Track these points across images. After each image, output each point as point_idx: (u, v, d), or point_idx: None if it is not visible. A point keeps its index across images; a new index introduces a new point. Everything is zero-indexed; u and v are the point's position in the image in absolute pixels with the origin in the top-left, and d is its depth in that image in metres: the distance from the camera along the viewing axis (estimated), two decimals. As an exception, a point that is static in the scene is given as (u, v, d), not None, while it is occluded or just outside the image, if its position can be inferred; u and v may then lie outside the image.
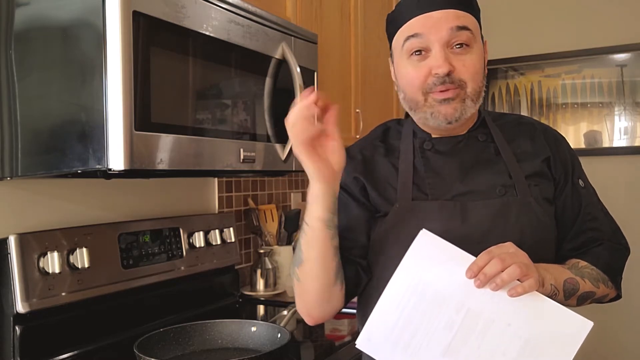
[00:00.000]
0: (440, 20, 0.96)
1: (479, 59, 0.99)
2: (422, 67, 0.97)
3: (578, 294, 0.98)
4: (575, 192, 1.06)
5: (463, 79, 0.97)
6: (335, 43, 2.00)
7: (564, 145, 1.08)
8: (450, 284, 0.87)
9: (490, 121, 1.08)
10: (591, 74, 3.23)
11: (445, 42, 0.96)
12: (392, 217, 1.02)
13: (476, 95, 0.99)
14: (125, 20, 1.02)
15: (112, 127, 1.02)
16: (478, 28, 1.00)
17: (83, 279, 1.32)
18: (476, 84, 0.99)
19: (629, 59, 3.14)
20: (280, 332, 1.30)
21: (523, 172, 1.02)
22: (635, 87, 3.14)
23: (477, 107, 1.01)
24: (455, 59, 0.96)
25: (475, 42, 0.98)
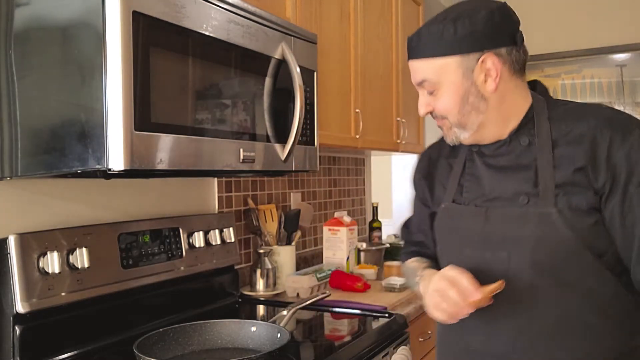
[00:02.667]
0: (413, 72, 1.09)
1: (446, 98, 1.05)
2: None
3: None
4: (627, 201, 0.96)
5: (442, 114, 1.08)
6: (335, 43, 2.00)
7: (621, 147, 0.97)
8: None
9: (544, 121, 1.06)
10: (591, 74, 3.23)
11: (422, 91, 1.09)
12: (438, 216, 1.18)
13: (460, 124, 1.07)
14: (125, 20, 1.02)
15: (111, 127, 1.02)
16: (446, 67, 1.03)
17: (83, 279, 1.32)
18: (454, 116, 1.06)
19: (628, 59, 3.14)
20: (280, 332, 1.30)
21: (554, 180, 1.00)
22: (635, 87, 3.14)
23: (471, 129, 1.07)
24: (433, 100, 1.08)
25: (440, 85, 1.05)
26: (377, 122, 2.31)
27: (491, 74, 1.03)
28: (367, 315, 1.72)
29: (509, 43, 1.03)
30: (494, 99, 1.04)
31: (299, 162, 1.54)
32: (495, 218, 1.05)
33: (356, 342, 1.46)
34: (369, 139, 2.24)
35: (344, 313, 1.76)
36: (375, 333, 1.56)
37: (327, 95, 1.93)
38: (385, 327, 1.61)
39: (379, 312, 1.73)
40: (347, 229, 2.23)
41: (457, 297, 0.97)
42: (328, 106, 1.94)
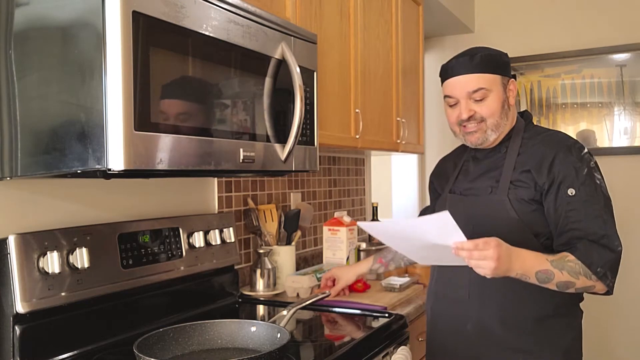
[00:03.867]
0: (462, 83, 1.45)
1: (495, 102, 1.45)
2: (455, 111, 1.49)
3: (555, 282, 1.31)
4: (559, 198, 1.37)
5: (483, 116, 1.45)
6: (335, 43, 2.00)
7: (561, 162, 1.39)
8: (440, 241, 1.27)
9: (518, 137, 1.49)
10: (591, 74, 3.23)
11: (466, 98, 1.45)
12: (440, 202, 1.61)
13: (495, 126, 1.46)
14: (125, 20, 1.02)
15: (111, 127, 1.02)
16: (495, 80, 1.45)
17: (83, 279, 1.32)
18: (494, 118, 1.46)
19: (628, 59, 3.14)
20: (279, 332, 1.30)
21: (509, 179, 1.43)
22: (634, 87, 3.14)
23: (498, 133, 1.47)
24: (476, 105, 1.45)
25: (490, 93, 1.45)
26: (377, 122, 2.31)
27: (512, 93, 1.49)
28: (367, 315, 1.72)
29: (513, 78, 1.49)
30: (510, 114, 1.49)
31: (299, 162, 1.55)
32: (469, 203, 1.49)
33: (356, 342, 1.46)
34: (369, 139, 2.24)
35: (344, 313, 1.76)
36: (375, 333, 1.56)
37: (327, 95, 1.93)
38: (385, 327, 1.61)
39: (379, 312, 1.73)
40: (347, 229, 2.23)
41: None
42: (328, 106, 1.94)
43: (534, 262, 1.30)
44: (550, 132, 1.50)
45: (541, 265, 1.30)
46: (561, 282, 1.30)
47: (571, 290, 1.33)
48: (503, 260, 1.25)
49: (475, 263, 1.25)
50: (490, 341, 1.44)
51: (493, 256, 1.23)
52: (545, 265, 1.30)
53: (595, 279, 1.30)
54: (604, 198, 1.37)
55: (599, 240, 1.32)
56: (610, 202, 1.38)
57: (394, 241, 1.40)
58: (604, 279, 1.31)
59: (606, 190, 1.39)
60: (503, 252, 1.25)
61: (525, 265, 1.29)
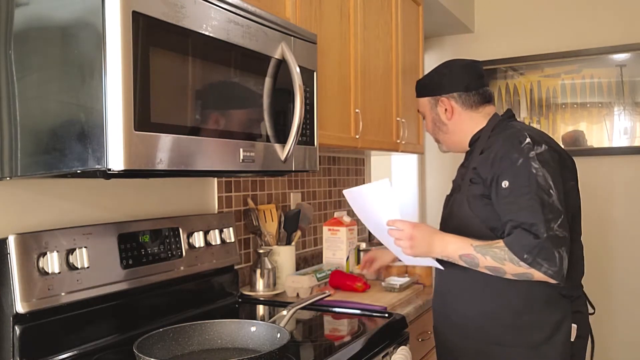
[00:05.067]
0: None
1: (429, 122, 1.71)
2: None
3: (482, 266, 1.41)
4: (497, 192, 1.44)
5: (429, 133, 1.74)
6: (335, 43, 2.00)
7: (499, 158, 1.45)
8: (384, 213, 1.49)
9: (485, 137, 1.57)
10: (591, 74, 3.23)
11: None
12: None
13: (436, 139, 1.73)
14: (125, 20, 1.02)
15: (111, 127, 1.02)
16: (427, 103, 1.68)
17: (82, 279, 1.32)
18: (433, 135, 1.72)
19: (628, 59, 3.14)
20: (279, 332, 1.30)
21: (467, 177, 1.53)
22: (634, 87, 3.14)
23: (446, 145, 1.71)
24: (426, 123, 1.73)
25: (425, 114, 1.71)
26: (377, 122, 2.31)
27: (442, 109, 1.65)
28: (367, 315, 1.72)
29: (462, 90, 1.62)
30: (452, 124, 1.65)
31: (299, 162, 1.55)
32: (446, 202, 1.65)
33: (356, 342, 1.46)
34: (369, 139, 2.24)
35: (344, 313, 1.76)
36: (375, 333, 1.56)
37: (327, 95, 1.93)
38: (385, 327, 1.61)
39: (379, 312, 1.73)
40: (346, 229, 2.23)
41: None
42: (328, 106, 1.94)
43: (457, 246, 1.43)
44: (511, 126, 1.54)
45: (464, 249, 1.42)
46: (488, 266, 1.40)
47: (508, 276, 1.40)
48: (418, 240, 1.43)
49: (397, 242, 1.45)
50: (474, 335, 1.53)
51: (407, 235, 1.44)
52: (468, 250, 1.41)
53: (527, 266, 1.35)
54: (537, 186, 1.38)
55: (529, 228, 1.36)
56: (542, 190, 1.38)
57: (360, 213, 1.59)
58: (535, 265, 1.34)
59: (543, 179, 1.39)
60: (419, 233, 1.44)
61: (447, 248, 1.44)
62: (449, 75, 1.63)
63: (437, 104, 1.64)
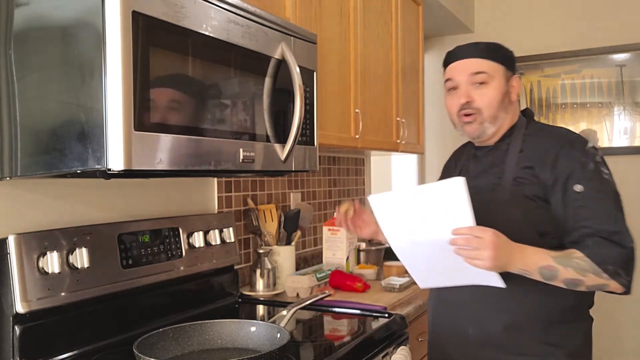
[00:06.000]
0: (464, 66, 1.42)
1: (494, 92, 1.40)
2: (454, 99, 1.44)
3: (561, 279, 1.25)
4: (566, 195, 1.31)
5: (479, 107, 1.40)
6: (334, 43, 2.00)
7: (564, 160, 1.33)
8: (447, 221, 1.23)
9: (520, 133, 1.43)
10: (590, 74, 3.23)
11: (466, 81, 1.41)
12: None
13: (492, 119, 1.41)
14: (125, 20, 1.02)
15: (111, 127, 1.02)
16: (498, 69, 1.41)
17: (82, 279, 1.32)
18: (491, 110, 1.40)
19: (628, 59, 3.14)
20: (279, 332, 1.30)
21: (512, 175, 1.37)
22: (634, 87, 3.14)
23: (496, 126, 1.42)
24: (475, 93, 1.40)
25: (492, 80, 1.40)
26: (377, 122, 2.31)
27: (515, 89, 1.45)
28: (367, 315, 1.72)
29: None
30: (510, 109, 1.44)
31: (299, 162, 1.54)
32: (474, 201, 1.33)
33: (356, 342, 1.46)
34: (369, 139, 2.24)
35: (344, 313, 1.76)
36: (375, 333, 1.56)
37: (327, 95, 1.93)
38: (384, 327, 1.61)
39: (379, 312, 1.73)
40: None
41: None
42: (328, 106, 1.94)
43: (536, 257, 1.25)
44: (552, 127, 1.47)
45: (544, 260, 1.24)
46: (568, 279, 1.25)
47: (582, 288, 1.27)
48: (501, 250, 1.20)
49: (471, 253, 1.20)
50: (493, 346, 1.38)
51: (490, 243, 1.18)
52: (548, 261, 1.24)
53: (607, 277, 1.24)
54: (614, 193, 1.32)
55: (609, 237, 1.26)
56: (619, 198, 1.33)
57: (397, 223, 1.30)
58: (616, 277, 1.24)
59: (615, 186, 1.34)
60: (501, 242, 1.21)
61: (526, 260, 1.25)
62: (513, 57, 1.47)
63: (511, 79, 1.44)
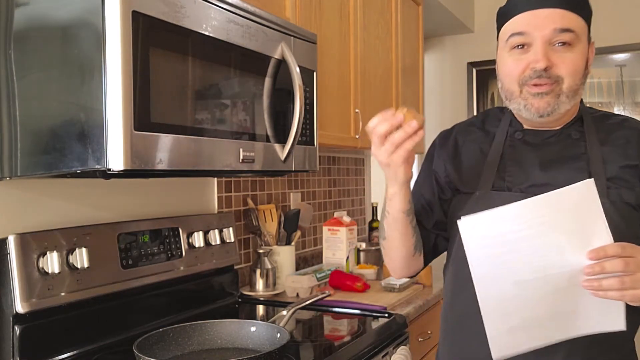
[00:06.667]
0: (545, 19, 1.01)
1: (580, 58, 1.03)
2: (522, 61, 1.03)
3: None
4: None
5: (560, 75, 1.01)
6: (334, 43, 2.00)
7: None
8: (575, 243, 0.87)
9: (590, 120, 1.10)
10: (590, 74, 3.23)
11: (547, 40, 1.01)
12: (472, 204, 1.08)
13: (572, 92, 1.03)
14: (125, 20, 1.02)
15: (111, 127, 1.02)
16: (585, 29, 1.05)
17: (82, 279, 1.32)
18: (573, 81, 1.02)
19: (628, 59, 3.14)
20: (279, 332, 1.30)
21: (605, 174, 1.02)
22: (634, 87, 3.14)
23: (572, 103, 1.04)
24: (555, 56, 1.01)
25: (579, 42, 1.02)
26: (376, 122, 2.31)
27: (591, 58, 1.08)
28: (367, 315, 1.72)
29: None
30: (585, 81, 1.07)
31: (299, 162, 1.54)
32: None
33: (356, 342, 1.46)
34: (369, 139, 2.23)
35: (344, 313, 1.76)
36: (375, 333, 1.56)
37: (327, 95, 1.93)
38: (384, 327, 1.61)
39: (379, 312, 1.73)
40: (346, 229, 2.23)
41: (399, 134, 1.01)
42: (328, 106, 1.94)
43: None
44: (623, 116, 1.14)
45: None
46: None
47: None
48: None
49: (625, 282, 0.83)
50: None
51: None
52: None
53: None
54: None
55: None
56: None
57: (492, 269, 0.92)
58: None
59: None
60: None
61: None
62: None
63: (591, 43, 1.09)
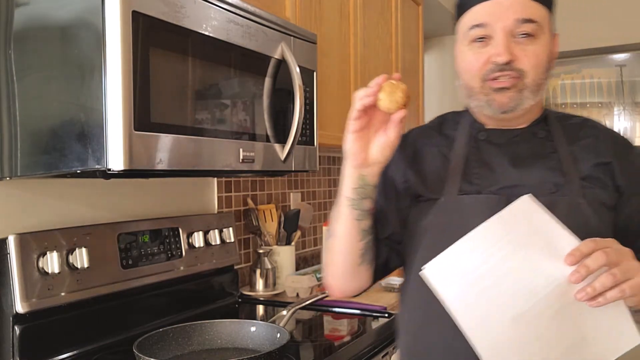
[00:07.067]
0: (507, 9, 0.95)
1: (543, 50, 0.97)
2: (482, 54, 0.97)
3: None
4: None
5: (523, 68, 0.96)
6: (334, 43, 2.00)
7: (635, 154, 1.02)
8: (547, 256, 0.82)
9: (554, 119, 1.06)
10: (590, 74, 3.23)
11: (509, 32, 0.95)
12: (436, 211, 1.00)
13: (536, 87, 0.97)
14: (125, 20, 1.02)
15: (111, 127, 1.02)
16: (548, 19, 0.99)
17: (82, 279, 1.32)
18: (537, 75, 0.97)
19: (628, 59, 3.14)
20: (279, 332, 1.30)
21: (579, 173, 0.98)
22: (634, 87, 3.14)
23: (536, 99, 0.99)
24: (518, 49, 0.95)
25: (542, 33, 0.97)
26: (376, 122, 2.31)
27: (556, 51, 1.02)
28: (367, 315, 1.72)
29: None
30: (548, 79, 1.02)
31: (299, 162, 1.54)
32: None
33: (356, 342, 1.46)
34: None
35: (344, 313, 1.76)
36: (375, 333, 1.56)
37: (327, 95, 1.93)
38: (384, 327, 1.61)
39: (379, 312, 1.73)
40: (346, 229, 2.23)
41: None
42: (328, 106, 1.94)
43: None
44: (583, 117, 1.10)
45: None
46: None
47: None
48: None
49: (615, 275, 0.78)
50: None
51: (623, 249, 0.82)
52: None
53: None
54: None
55: None
56: None
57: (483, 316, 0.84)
58: None
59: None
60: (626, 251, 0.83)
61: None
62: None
63: (555, 36, 1.04)
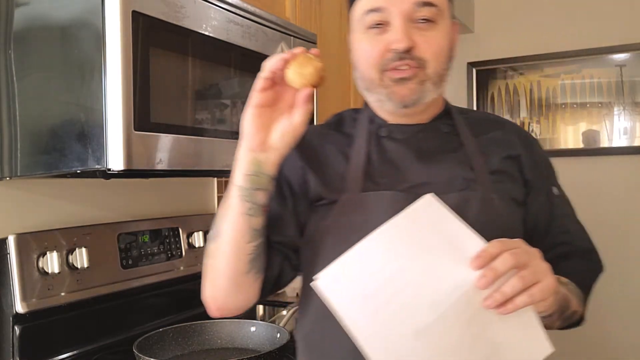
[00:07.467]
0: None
1: (444, 37, 0.89)
2: (380, 42, 0.88)
3: (566, 313, 0.88)
4: (549, 200, 0.98)
5: (424, 57, 0.88)
6: (334, 43, 2.00)
7: (538, 148, 1.00)
8: (451, 260, 0.73)
9: (457, 113, 1.00)
10: (590, 74, 3.23)
11: (407, 16, 0.87)
12: (338, 210, 0.91)
13: (438, 78, 0.90)
14: (125, 20, 1.02)
15: (111, 127, 1.02)
16: (447, 5, 0.91)
17: (82, 279, 1.32)
18: (438, 64, 0.89)
19: (628, 59, 3.14)
20: (279, 332, 1.30)
21: (488, 167, 0.93)
22: (634, 87, 3.14)
23: (438, 92, 0.92)
24: (418, 35, 0.87)
25: (442, 18, 0.89)
26: (376, 122, 2.31)
27: (456, 40, 0.94)
28: (367, 315, 1.72)
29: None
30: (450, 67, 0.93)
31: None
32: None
33: (356, 342, 1.45)
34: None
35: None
36: (375, 333, 1.55)
37: (327, 95, 1.93)
38: (384, 327, 1.61)
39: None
40: (346, 229, 2.23)
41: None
42: (328, 106, 1.94)
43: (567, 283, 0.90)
44: (483, 112, 1.08)
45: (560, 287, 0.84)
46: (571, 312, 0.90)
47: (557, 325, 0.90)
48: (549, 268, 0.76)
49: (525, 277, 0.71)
50: None
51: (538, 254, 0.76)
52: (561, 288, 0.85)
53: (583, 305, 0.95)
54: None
55: (586, 255, 1.00)
56: None
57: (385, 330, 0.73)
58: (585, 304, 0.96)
59: None
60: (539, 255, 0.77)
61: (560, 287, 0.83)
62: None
63: (454, 22, 0.95)
